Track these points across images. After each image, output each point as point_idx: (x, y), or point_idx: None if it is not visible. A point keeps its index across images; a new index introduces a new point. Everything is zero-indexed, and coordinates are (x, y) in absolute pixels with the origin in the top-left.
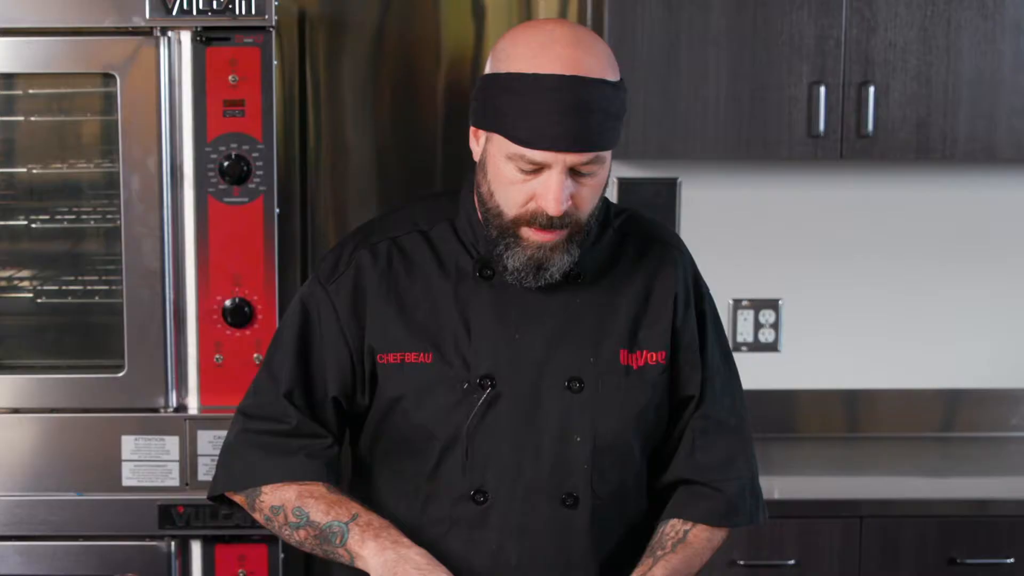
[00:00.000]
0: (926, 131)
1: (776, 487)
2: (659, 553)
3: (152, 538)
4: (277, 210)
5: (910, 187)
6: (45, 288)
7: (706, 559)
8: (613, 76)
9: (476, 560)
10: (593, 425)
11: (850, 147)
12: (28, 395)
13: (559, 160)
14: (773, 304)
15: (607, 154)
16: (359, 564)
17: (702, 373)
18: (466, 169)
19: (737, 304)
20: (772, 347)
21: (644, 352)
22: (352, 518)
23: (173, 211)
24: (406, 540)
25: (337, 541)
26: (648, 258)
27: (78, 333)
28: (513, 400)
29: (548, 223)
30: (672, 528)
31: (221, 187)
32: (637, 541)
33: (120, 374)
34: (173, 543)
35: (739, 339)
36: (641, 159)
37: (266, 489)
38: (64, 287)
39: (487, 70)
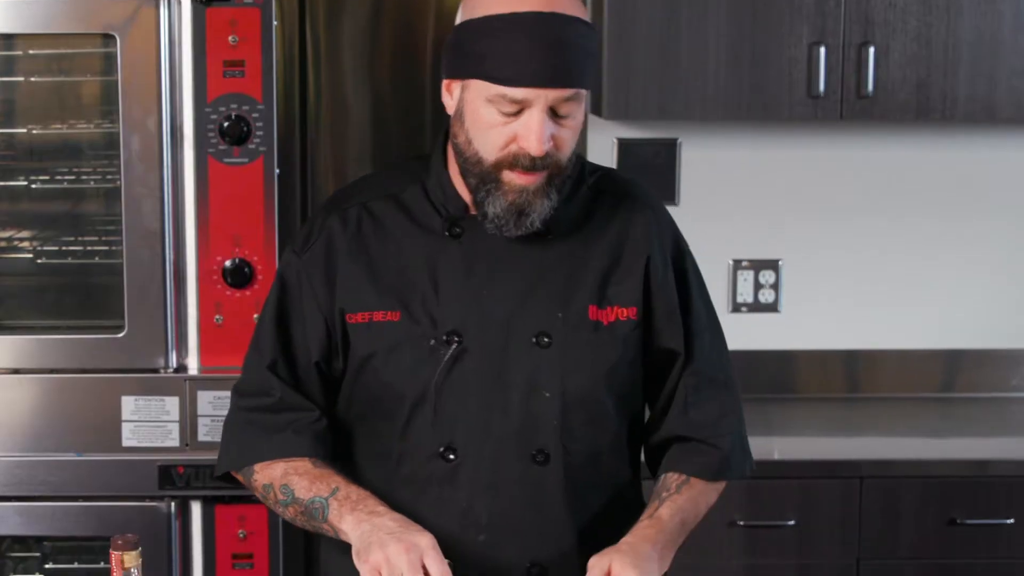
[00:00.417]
0: (926, 91)
1: (776, 448)
2: (664, 495)
3: (152, 499)
4: (277, 170)
5: (910, 148)
6: (45, 249)
7: (704, 510)
8: (585, 16)
9: (446, 520)
10: (562, 381)
11: (850, 108)
12: (28, 355)
13: (541, 97)
14: (773, 265)
15: (584, 95)
16: (342, 537)
17: (690, 330)
18: None
19: (737, 265)
20: (772, 308)
21: (614, 308)
22: (332, 492)
23: (173, 172)
24: (382, 508)
25: (320, 516)
26: (621, 215)
27: (78, 294)
28: (480, 356)
29: (530, 164)
30: (670, 478)
31: (221, 147)
32: (620, 510)
33: (120, 335)
34: (173, 503)
35: (739, 300)
36: (641, 120)
37: (257, 467)
38: (64, 248)
39: (459, 21)
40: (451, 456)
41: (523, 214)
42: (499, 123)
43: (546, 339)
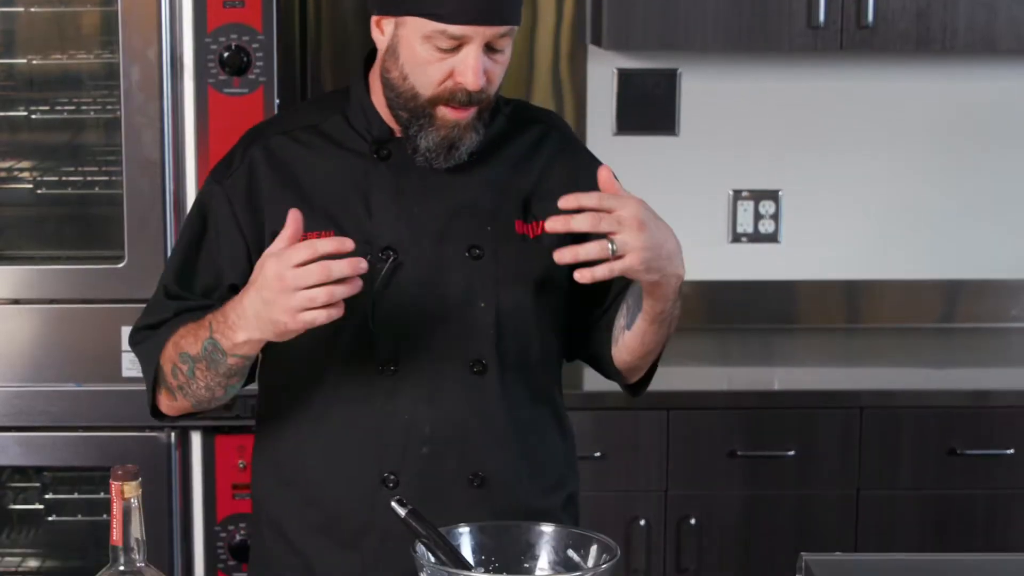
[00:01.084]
0: (926, 21)
1: (776, 378)
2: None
3: (152, 429)
4: (277, 100)
5: (910, 78)
6: (45, 179)
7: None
8: None
9: (389, 434)
10: (496, 291)
11: (850, 38)
12: (28, 285)
13: (479, 34)
14: (773, 195)
15: (514, 31)
16: (254, 350)
17: None
18: None
19: (737, 195)
20: (772, 238)
21: (539, 223)
22: (211, 329)
23: (173, 102)
24: (239, 298)
25: (220, 356)
26: (536, 138)
27: (78, 224)
28: (416, 269)
29: (467, 99)
30: (631, 291)
31: (221, 78)
32: (553, 428)
33: (120, 265)
34: (173, 434)
35: (739, 230)
36: (641, 50)
37: (160, 366)
38: (64, 178)
39: None
40: (392, 369)
41: (453, 147)
42: (435, 59)
43: (478, 251)
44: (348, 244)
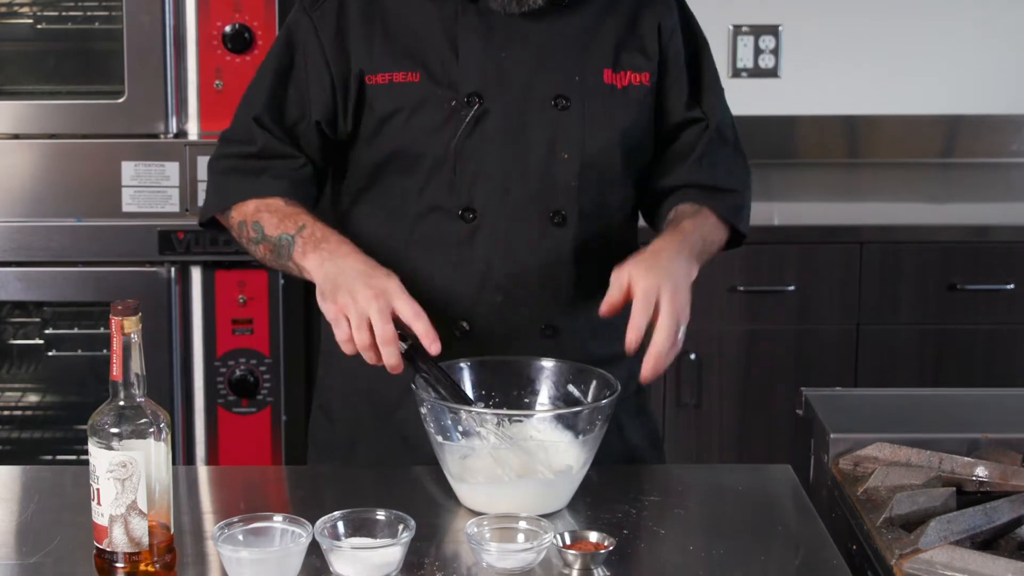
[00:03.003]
0: None
1: (776, 213)
2: (681, 219)
3: (152, 264)
4: None
5: None
6: (45, 14)
7: (715, 247)
8: None
9: (464, 281)
10: (581, 142)
11: None
12: (28, 120)
13: None
14: (773, 30)
15: None
16: (306, 276)
17: (703, 93)
18: None
19: (737, 30)
20: (772, 73)
21: (628, 72)
22: (299, 230)
23: None
24: (347, 248)
25: (286, 254)
26: None
27: (78, 59)
28: (500, 117)
29: None
30: (684, 208)
31: None
32: (614, 263)
33: (120, 100)
34: (173, 269)
35: (739, 65)
36: None
37: (234, 208)
38: (64, 13)
39: None
40: (471, 216)
41: None
42: None
43: (564, 101)
44: (435, 349)
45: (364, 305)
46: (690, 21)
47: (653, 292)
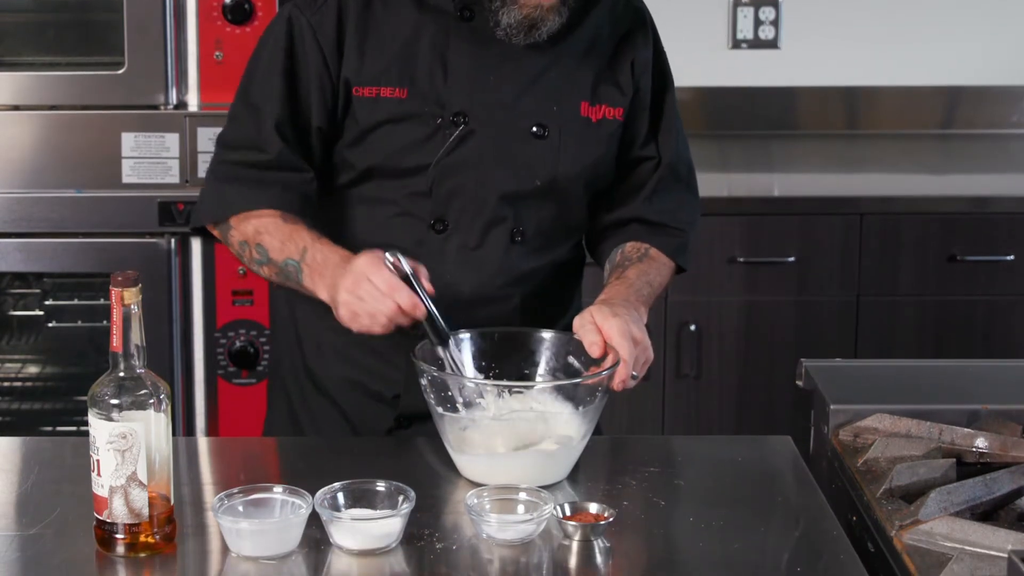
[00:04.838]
0: None
1: (776, 184)
2: (626, 264)
3: (152, 235)
4: None
5: None
6: None
7: (659, 288)
8: None
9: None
10: (554, 170)
11: None
12: (28, 92)
13: None
14: (773, 1)
15: None
16: (321, 298)
17: (662, 128)
18: None
19: (737, 1)
20: (772, 44)
21: (603, 107)
22: (302, 255)
23: None
24: (346, 262)
25: (294, 280)
26: (615, 19)
27: (78, 30)
28: (483, 139)
29: None
30: (632, 248)
31: None
32: (559, 281)
33: (120, 71)
34: (173, 240)
35: (739, 36)
36: None
37: (233, 222)
38: None
39: None
40: (440, 227)
41: (534, 27)
42: None
43: (543, 130)
44: (419, 312)
45: (373, 303)
46: (660, 56)
47: (626, 330)
